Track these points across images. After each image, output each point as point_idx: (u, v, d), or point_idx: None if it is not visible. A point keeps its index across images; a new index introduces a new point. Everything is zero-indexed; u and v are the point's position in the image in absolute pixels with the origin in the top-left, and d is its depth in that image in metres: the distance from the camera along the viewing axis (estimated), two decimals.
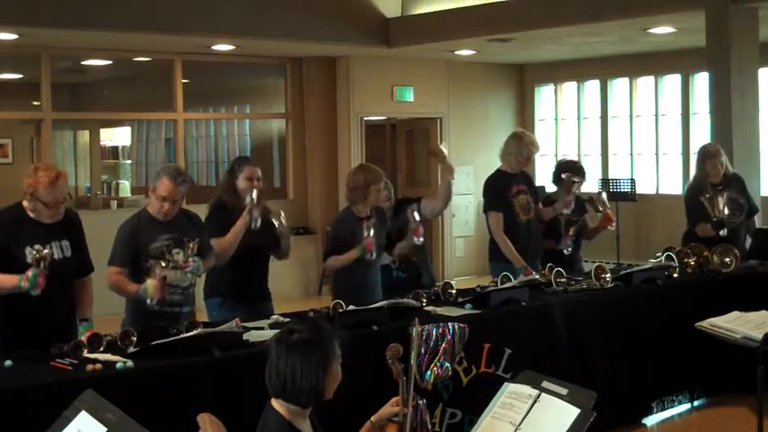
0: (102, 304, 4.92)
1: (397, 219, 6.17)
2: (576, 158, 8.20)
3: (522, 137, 6.67)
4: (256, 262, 5.41)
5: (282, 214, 5.49)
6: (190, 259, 4.79)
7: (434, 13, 10.97)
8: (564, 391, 3.29)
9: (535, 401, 3.29)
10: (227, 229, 5.25)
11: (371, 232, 5.55)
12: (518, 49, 11.79)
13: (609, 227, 6.91)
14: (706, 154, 7.20)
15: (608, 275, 6.05)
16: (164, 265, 4.69)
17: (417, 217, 5.89)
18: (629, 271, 6.28)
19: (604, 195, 6.88)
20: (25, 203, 4.49)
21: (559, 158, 6.98)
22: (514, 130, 7.04)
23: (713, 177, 7.11)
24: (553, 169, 7.04)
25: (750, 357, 4.96)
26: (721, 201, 6.87)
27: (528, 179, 6.77)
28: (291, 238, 5.63)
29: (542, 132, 13.39)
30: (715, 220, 6.87)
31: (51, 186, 4.40)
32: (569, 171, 6.87)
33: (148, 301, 4.66)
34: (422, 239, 5.93)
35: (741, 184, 7.27)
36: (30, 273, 4.22)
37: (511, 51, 11.93)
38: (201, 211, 5.56)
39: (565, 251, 6.68)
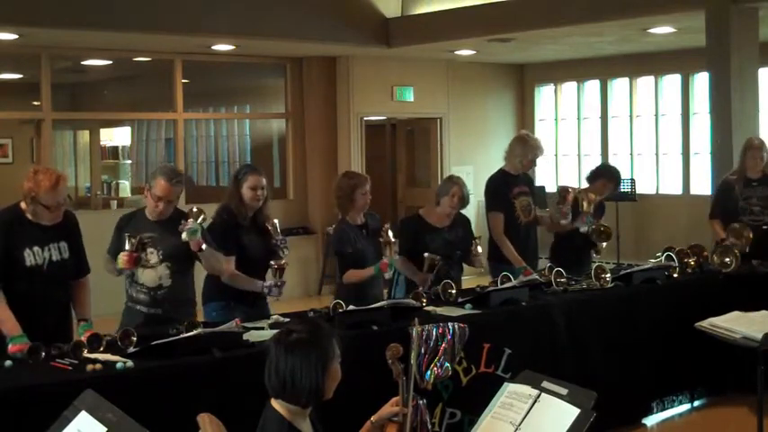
0: (100, 304, 4.92)
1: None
2: (613, 164, 8.12)
3: (528, 140, 6.65)
4: (257, 269, 5.38)
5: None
6: (190, 220, 4.73)
7: (434, 13, 10.97)
8: (564, 391, 3.29)
9: (535, 401, 3.29)
10: (229, 242, 5.22)
11: (391, 252, 5.59)
12: (518, 50, 11.78)
13: (562, 220, 6.64)
14: (749, 145, 7.18)
15: (608, 275, 6.05)
16: (133, 241, 4.68)
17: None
18: (629, 271, 6.29)
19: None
20: (23, 205, 4.49)
21: (602, 162, 6.96)
22: (519, 133, 6.99)
23: (751, 171, 7.08)
24: (592, 169, 7.09)
25: (750, 357, 4.95)
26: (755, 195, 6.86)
27: (530, 181, 6.76)
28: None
29: (542, 132, 13.38)
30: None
31: (52, 191, 4.41)
32: (607, 176, 6.90)
33: (116, 273, 4.80)
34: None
35: None
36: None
37: (511, 51, 11.93)
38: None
39: (581, 229, 6.58)
